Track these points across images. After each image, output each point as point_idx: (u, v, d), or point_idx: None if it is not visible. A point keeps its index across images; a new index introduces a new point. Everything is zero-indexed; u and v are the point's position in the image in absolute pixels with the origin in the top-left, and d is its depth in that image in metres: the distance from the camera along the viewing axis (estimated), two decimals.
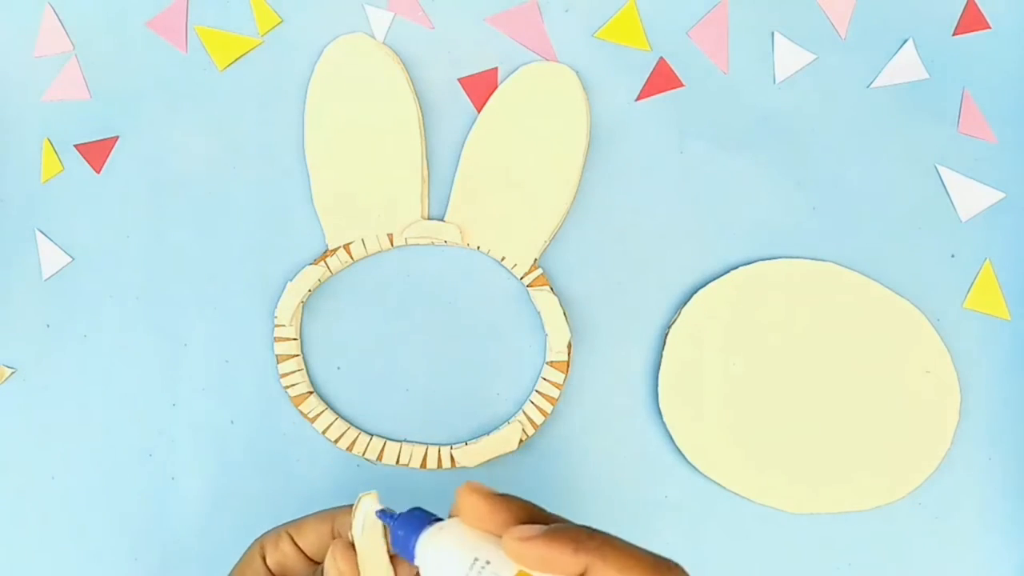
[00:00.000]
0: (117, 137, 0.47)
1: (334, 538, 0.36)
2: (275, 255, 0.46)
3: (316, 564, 0.37)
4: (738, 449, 0.44)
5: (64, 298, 0.47)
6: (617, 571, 0.27)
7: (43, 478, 0.46)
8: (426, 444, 0.45)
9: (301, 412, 0.45)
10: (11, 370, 0.47)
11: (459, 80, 0.46)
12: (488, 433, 0.45)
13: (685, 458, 0.44)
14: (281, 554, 0.37)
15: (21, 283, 0.47)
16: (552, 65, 0.45)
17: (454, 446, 0.45)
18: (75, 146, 0.47)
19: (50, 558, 0.46)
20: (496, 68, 0.46)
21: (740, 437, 0.44)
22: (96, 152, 0.47)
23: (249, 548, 0.38)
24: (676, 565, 0.29)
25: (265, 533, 0.38)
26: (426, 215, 0.45)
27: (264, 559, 0.37)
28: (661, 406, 0.44)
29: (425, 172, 0.45)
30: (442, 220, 0.45)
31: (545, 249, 0.45)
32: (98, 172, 0.47)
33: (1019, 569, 0.44)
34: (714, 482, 0.44)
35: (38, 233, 0.47)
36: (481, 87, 0.46)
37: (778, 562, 0.45)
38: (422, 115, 0.46)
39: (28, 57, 0.47)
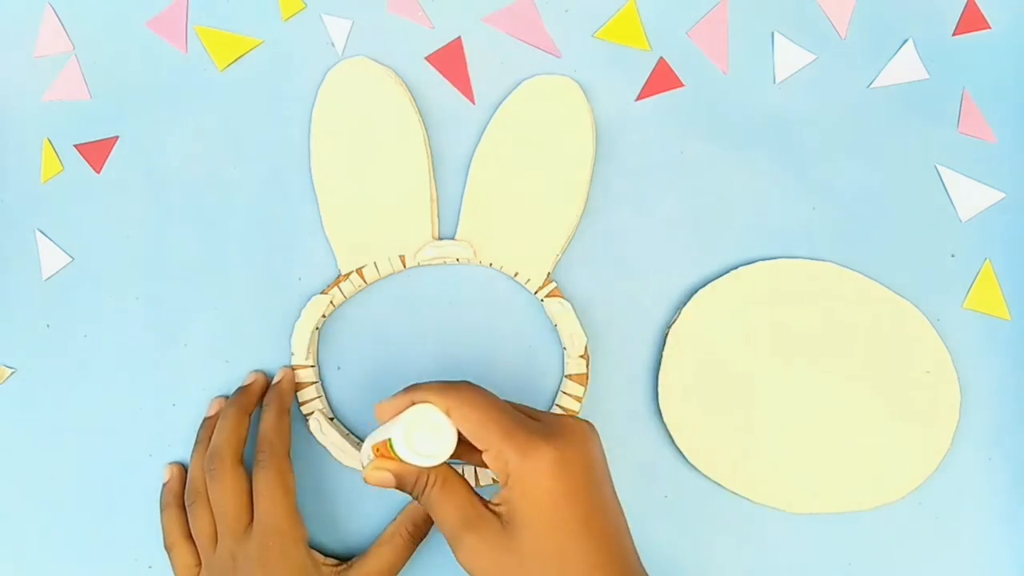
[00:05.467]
0: (117, 137, 0.47)
1: None
2: (275, 254, 0.46)
3: None
4: (738, 449, 0.44)
5: (64, 298, 0.47)
6: (423, 393, 0.36)
7: (43, 478, 0.46)
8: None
9: (321, 441, 0.44)
10: (11, 370, 0.47)
11: (426, 58, 0.46)
12: None
13: (685, 458, 0.44)
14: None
15: (21, 283, 0.47)
16: (556, 78, 0.45)
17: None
18: (75, 146, 0.47)
19: (50, 558, 0.46)
20: (460, 37, 0.46)
21: (739, 437, 0.44)
22: (96, 152, 0.47)
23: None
24: (464, 383, 0.36)
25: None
26: (436, 235, 0.45)
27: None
28: (661, 406, 0.44)
29: (434, 192, 0.45)
30: (452, 238, 0.45)
31: (558, 262, 0.45)
32: (98, 172, 0.47)
33: (1019, 569, 0.44)
34: (714, 482, 0.44)
35: (38, 233, 0.47)
36: (448, 60, 0.46)
37: (778, 562, 0.45)
38: (427, 136, 0.45)
39: (28, 57, 0.47)
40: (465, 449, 0.36)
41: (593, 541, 0.34)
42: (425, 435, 0.35)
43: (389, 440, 0.35)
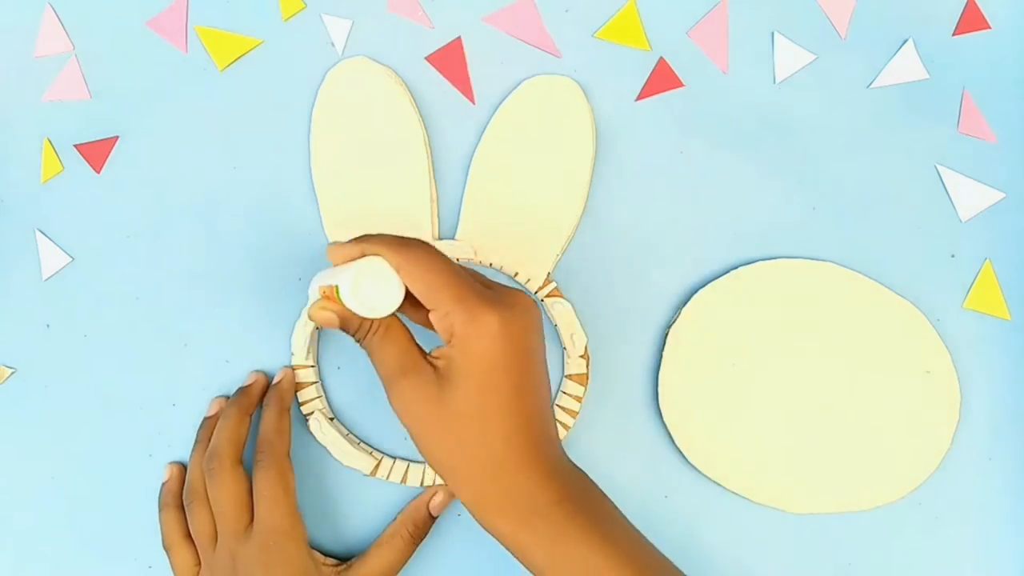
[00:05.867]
0: (117, 137, 0.47)
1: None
2: (275, 254, 0.46)
3: None
4: (738, 449, 0.44)
5: (64, 298, 0.47)
6: (376, 245, 0.36)
7: (43, 478, 0.46)
8: None
9: (321, 441, 0.45)
10: (11, 370, 0.47)
11: (426, 58, 0.46)
12: None
13: (685, 458, 0.44)
14: None
15: (21, 283, 0.47)
16: (556, 78, 0.45)
17: None
18: (75, 146, 0.47)
19: (50, 558, 0.46)
20: (459, 37, 0.46)
21: (740, 437, 0.44)
22: (96, 152, 0.47)
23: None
24: (417, 241, 0.37)
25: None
26: (436, 235, 0.45)
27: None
28: (661, 406, 0.44)
29: (434, 192, 0.45)
30: (452, 238, 0.45)
31: (558, 262, 0.45)
32: (98, 172, 0.47)
33: (1019, 569, 0.44)
34: (714, 482, 0.44)
35: (38, 233, 0.47)
36: (448, 60, 0.46)
37: (778, 562, 0.45)
38: (427, 136, 0.45)
39: (28, 57, 0.47)
40: (410, 305, 0.36)
41: (518, 410, 0.35)
42: (372, 287, 0.35)
43: (336, 286, 0.36)
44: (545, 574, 0.35)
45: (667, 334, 0.45)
